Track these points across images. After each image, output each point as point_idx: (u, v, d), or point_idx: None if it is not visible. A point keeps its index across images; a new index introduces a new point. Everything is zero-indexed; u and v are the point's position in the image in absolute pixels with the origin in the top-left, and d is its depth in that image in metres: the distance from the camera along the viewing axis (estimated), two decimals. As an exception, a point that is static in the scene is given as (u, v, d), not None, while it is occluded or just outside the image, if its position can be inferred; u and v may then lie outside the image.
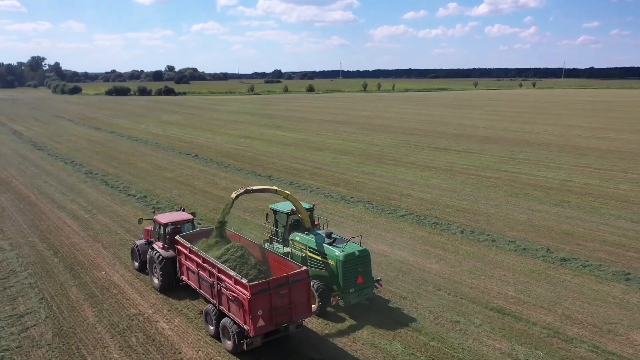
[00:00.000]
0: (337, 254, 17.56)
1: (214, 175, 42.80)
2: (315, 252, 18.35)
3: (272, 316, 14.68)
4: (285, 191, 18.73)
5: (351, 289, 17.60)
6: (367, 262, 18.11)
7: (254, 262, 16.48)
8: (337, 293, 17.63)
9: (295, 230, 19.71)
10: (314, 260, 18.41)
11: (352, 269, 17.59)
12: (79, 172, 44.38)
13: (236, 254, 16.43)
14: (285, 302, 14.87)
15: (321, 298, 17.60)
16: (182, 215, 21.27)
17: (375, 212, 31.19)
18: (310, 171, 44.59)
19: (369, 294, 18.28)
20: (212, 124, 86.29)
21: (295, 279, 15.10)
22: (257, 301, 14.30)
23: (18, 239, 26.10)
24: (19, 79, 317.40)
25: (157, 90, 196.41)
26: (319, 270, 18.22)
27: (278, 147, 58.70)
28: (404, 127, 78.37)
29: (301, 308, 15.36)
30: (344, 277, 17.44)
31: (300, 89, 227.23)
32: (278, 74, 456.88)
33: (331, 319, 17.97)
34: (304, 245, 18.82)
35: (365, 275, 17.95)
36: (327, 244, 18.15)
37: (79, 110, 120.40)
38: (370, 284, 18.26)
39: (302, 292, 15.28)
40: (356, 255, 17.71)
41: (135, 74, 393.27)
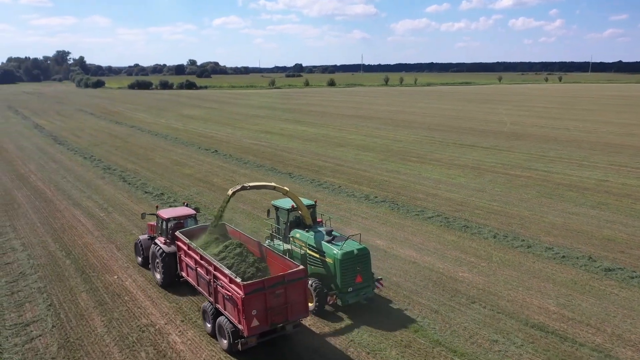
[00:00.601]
0: (335, 252, 17.09)
1: (234, 172, 41.68)
2: (314, 249, 17.97)
3: (267, 316, 14.33)
4: (284, 187, 18.38)
5: (349, 289, 17.16)
6: (366, 261, 17.61)
7: (253, 259, 16.12)
8: (335, 292, 17.23)
9: (296, 227, 19.33)
10: (313, 258, 18.03)
11: (351, 268, 17.14)
12: (97, 167, 43.71)
13: (234, 251, 16.16)
14: (280, 302, 14.50)
15: (318, 297, 17.15)
16: (185, 210, 21.05)
17: (401, 213, 29.64)
18: (332, 168, 43.17)
19: (369, 293, 17.77)
20: (232, 118, 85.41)
21: (291, 278, 14.70)
22: (251, 301, 13.96)
23: (31, 239, 25.28)
24: (44, 73, 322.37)
25: (178, 84, 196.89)
26: (317, 269, 17.84)
27: (299, 143, 57.39)
28: (428, 123, 76.32)
29: (297, 308, 14.96)
30: (342, 276, 17.01)
31: (321, 83, 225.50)
32: (299, 68, 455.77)
33: (330, 318, 17.43)
34: (303, 243, 18.47)
35: (364, 275, 17.48)
36: (326, 242, 17.69)
37: (101, 104, 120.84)
38: (370, 284, 17.77)
39: (298, 291, 14.90)
40: (355, 253, 17.20)
41: (157, 68, 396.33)
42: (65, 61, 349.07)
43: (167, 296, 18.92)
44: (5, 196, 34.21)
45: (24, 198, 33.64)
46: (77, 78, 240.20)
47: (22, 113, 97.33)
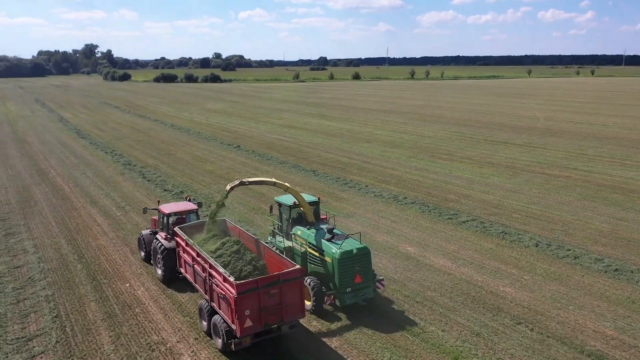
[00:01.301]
0: (334, 251, 16.61)
1: (256, 169, 40.23)
2: (314, 247, 17.56)
3: (261, 316, 13.92)
4: (285, 183, 17.96)
5: (348, 289, 16.69)
6: (366, 260, 17.06)
7: (250, 257, 15.62)
8: (332, 292, 16.82)
9: (298, 224, 18.84)
10: (312, 256, 17.65)
11: (350, 268, 16.65)
12: (118, 162, 42.79)
13: (231, 248, 15.76)
14: (275, 302, 14.08)
15: (316, 296, 16.72)
16: (187, 205, 20.84)
17: (432, 217, 27.73)
18: (358, 165, 41.38)
19: (368, 294, 17.18)
20: (256, 112, 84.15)
21: (286, 278, 14.27)
22: (244, 300, 13.55)
23: (44, 240, 24.22)
24: (73, 66, 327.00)
25: (203, 77, 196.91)
26: (316, 267, 17.47)
27: (323, 138, 55.69)
28: (457, 118, 73.73)
29: (293, 309, 14.51)
30: (341, 275, 16.55)
31: (345, 76, 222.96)
32: (323, 61, 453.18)
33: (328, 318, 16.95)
34: (304, 240, 18.05)
35: (364, 275, 16.94)
36: (326, 240, 17.21)
37: (126, 97, 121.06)
38: (370, 284, 17.21)
39: (294, 292, 14.44)
40: (354, 253, 16.69)
41: (183, 61, 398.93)
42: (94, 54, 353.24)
43: (180, 308, 17.50)
44: (23, 192, 33.41)
45: (42, 195, 32.77)
46: (104, 71, 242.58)
47: (48, 106, 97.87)
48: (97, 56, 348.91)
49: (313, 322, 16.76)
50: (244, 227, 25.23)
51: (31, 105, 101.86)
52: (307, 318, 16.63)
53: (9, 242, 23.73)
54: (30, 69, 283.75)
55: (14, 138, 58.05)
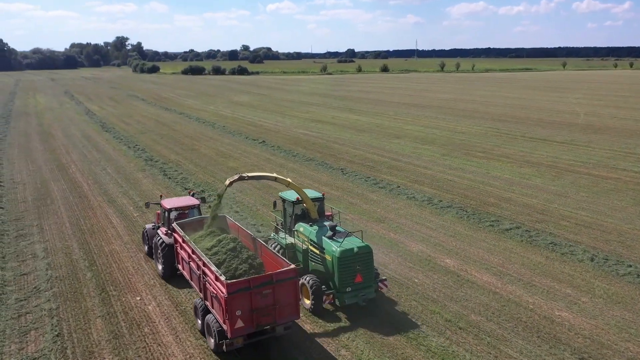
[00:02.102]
0: (334, 249, 16.17)
1: (281, 167, 38.41)
2: (315, 245, 17.19)
3: (253, 317, 13.48)
4: (287, 179, 17.57)
5: (348, 288, 16.17)
6: (367, 259, 16.47)
7: (246, 256, 15.13)
8: (332, 292, 16.30)
9: (301, 220, 18.46)
10: (313, 254, 17.27)
11: (350, 267, 16.14)
12: (140, 158, 41.52)
13: (227, 246, 15.33)
14: (268, 303, 13.65)
15: (315, 295, 16.21)
16: (189, 200, 20.62)
17: (471, 224, 25.39)
18: (388, 164, 39.15)
19: (369, 295, 16.57)
20: (282, 105, 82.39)
21: (280, 278, 13.80)
22: (235, 301, 13.14)
23: (55, 243, 22.84)
24: (104, 59, 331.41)
25: (230, 69, 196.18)
26: (317, 265, 17.10)
27: (351, 134, 53.52)
28: (491, 113, 70.55)
29: (287, 310, 14.04)
30: (340, 274, 16.06)
31: (374, 69, 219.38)
32: (351, 53, 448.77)
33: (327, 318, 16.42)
34: (306, 237, 17.68)
35: (365, 274, 16.37)
36: (327, 238, 16.74)
37: (153, 89, 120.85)
38: (372, 284, 16.62)
39: (288, 292, 13.96)
40: (354, 251, 16.16)
41: (212, 54, 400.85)
42: (124, 47, 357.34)
43: (193, 329, 15.74)
44: (41, 189, 32.32)
45: (59, 192, 31.60)
46: (134, 63, 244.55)
47: (76, 98, 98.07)
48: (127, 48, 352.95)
49: (310, 323, 16.14)
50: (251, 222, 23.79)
51: (60, 97, 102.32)
52: (304, 318, 16.13)
53: (19, 245, 22.44)
54: (63, 61, 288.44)
55: (39, 131, 57.61)
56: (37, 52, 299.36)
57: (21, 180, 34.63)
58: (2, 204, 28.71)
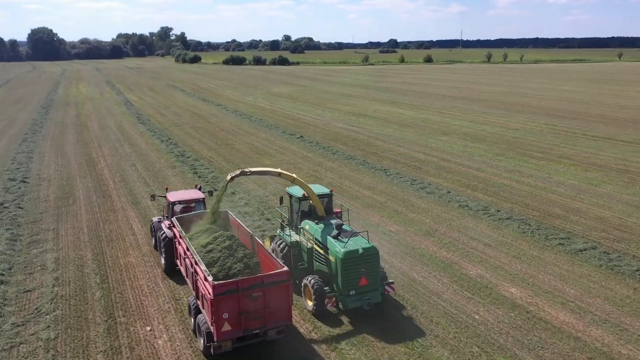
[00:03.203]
0: (338, 249, 15.35)
1: (319, 165, 35.60)
2: (319, 244, 16.40)
3: (241, 321, 12.90)
4: (292, 174, 16.76)
5: (352, 291, 15.35)
6: (373, 261, 15.57)
7: (242, 255, 14.47)
8: (334, 294, 15.51)
9: (307, 217, 17.64)
10: (318, 253, 16.50)
11: (354, 269, 15.30)
12: (171, 153, 39.53)
13: (223, 244, 14.70)
14: (258, 307, 13.04)
15: (317, 297, 15.41)
16: (194, 193, 20.18)
17: (537, 240, 21.91)
18: (436, 164, 35.77)
19: (375, 299, 15.67)
20: (322, 97, 79.49)
21: (271, 280, 13.18)
22: (222, 303, 12.59)
23: (69, 252, 20.77)
24: (148, 49, 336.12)
25: (271, 59, 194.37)
26: (321, 266, 16.36)
27: (395, 129, 50.17)
28: (546, 107, 65.61)
29: (278, 314, 13.39)
30: (344, 276, 15.26)
31: (417, 60, 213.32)
32: (393, 44, 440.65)
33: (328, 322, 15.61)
34: (311, 236, 16.90)
35: (370, 277, 15.50)
36: (332, 237, 15.91)
37: (193, 79, 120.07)
38: (378, 288, 15.73)
39: (280, 296, 13.30)
40: (359, 253, 15.28)
41: (253, 44, 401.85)
42: (168, 37, 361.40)
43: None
44: (66, 187, 30.61)
45: (83, 190, 29.78)
46: (177, 53, 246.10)
47: (117, 88, 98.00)
48: (171, 39, 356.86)
49: (309, 326, 15.38)
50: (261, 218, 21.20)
51: (102, 87, 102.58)
52: (304, 320, 15.57)
53: (30, 254, 20.49)
54: (109, 51, 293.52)
55: (76, 122, 56.75)
56: (85, 42, 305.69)
57: (47, 176, 33.10)
58: (23, 204, 27.04)
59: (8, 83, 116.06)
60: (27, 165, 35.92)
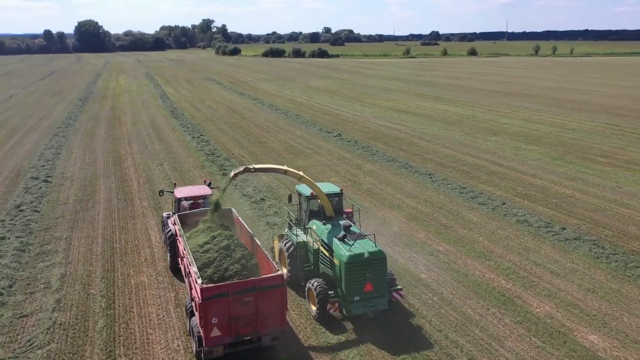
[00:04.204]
0: (343, 252, 14.55)
1: (357, 168, 32.80)
2: (325, 246, 15.65)
3: (231, 326, 12.26)
4: (298, 172, 16.17)
5: (356, 297, 14.53)
6: (380, 266, 14.67)
7: (240, 255, 13.89)
8: (337, 299, 14.69)
9: (316, 217, 16.92)
10: (323, 255, 15.79)
11: (359, 274, 14.46)
12: (201, 151, 37.49)
13: (221, 244, 14.08)
14: (249, 312, 12.38)
15: (320, 302, 14.71)
16: (202, 189, 19.66)
17: (614, 269, 18.52)
18: (486, 168, 32.40)
19: (380, 306, 14.81)
20: (362, 91, 76.40)
21: (264, 285, 12.47)
22: (211, 307, 11.95)
23: (77, 267, 18.74)
24: (190, 41, 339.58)
25: (310, 52, 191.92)
26: (325, 269, 15.69)
27: (440, 127, 46.77)
28: (606, 105, 60.64)
29: (271, 320, 12.68)
30: (347, 281, 14.47)
31: (460, 52, 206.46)
32: (435, 36, 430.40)
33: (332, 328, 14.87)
34: (317, 236, 16.21)
35: (376, 283, 14.64)
36: (338, 239, 15.15)
37: (231, 72, 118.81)
38: (384, 294, 14.82)
39: (273, 301, 12.57)
40: (365, 257, 14.40)
41: (293, 36, 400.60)
42: (210, 29, 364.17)
43: None
44: (88, 188, 28.87)
45: (105, 192, 27.95)
46: (217, 45, 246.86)
47: (155, 80, 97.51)
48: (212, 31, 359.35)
49: (309, 331, 14.71)
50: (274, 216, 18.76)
51: (140, 79, 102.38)
52: (304, 325, 14.96)
53: (36, 268, 18.57)
54: (152, 43, 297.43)
55: (109, 116, 55.69)
56: (129, 34, 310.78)
57: (71, 175, 31.53)
58: (40, 206, 25.37)
59: (52, 75, 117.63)
60: (53, 162, 34.53)
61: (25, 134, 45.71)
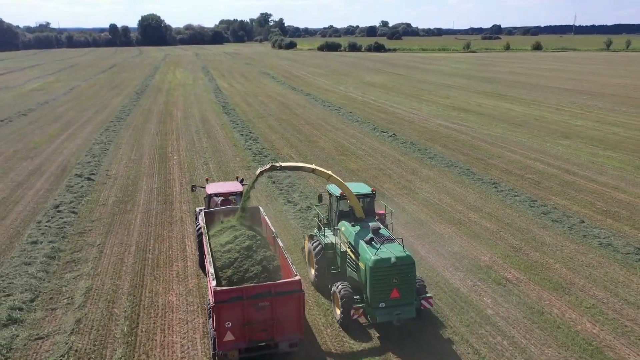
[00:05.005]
0: (368, 256, 13.64)
1: (413, 173, 30.20)
2: (352, 248, 14.80)
3: (245, 331, 11.83)
4: (327, 171, 15.40)
5: (381, 304, 13.55)
6: (407, 272, 13.55)
7: (261, 257, 13.31)
8: (362, 306, 13.72)
9: (345, 218, 16.22)
10: (350, 258, 14.93)
11: (385, 279, 13.47)
12: (249, 150, 35.94)
13: (242, 244, 13.52)
14: (265, 317, 11.91)
15: (344, 306, 13.82)
16: (234, 186, 19.01)
17: None
18: (559, 178, 29.02)
19: (407, 314, 13.64)
20: (419, 88, 73.07)
21: (281, 290, 11.95)
22: (224, 311, 11.58)
23: (105, 280, 17.33)
24: (248, 34, 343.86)
25: (366, 46, 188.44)
26: (352, 272, 14.83)
27: (504, 129, 43.24)
28: (692, 106, 54.71)
29: (287, 326, 12.14)
30: (372, 287, 13.52)
31: (524, 47, 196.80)
32: (497, 29, 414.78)
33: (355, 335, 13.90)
34: (346, 238, 15.34)
35: (403, 290, 13.57)
36: (365, 242, 14.25)
37: (286, 66, 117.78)
38: (412, 302, 13.77)
39: (290, 307, 12.04)
40: (392, 262, 13.36)
41: (350, 30, 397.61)
42: (267, 23, 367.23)
43: None
44: (129, 188, 27.82)
45: (146, 194, 26.77)
46: (273, 39, 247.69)
47: (211, 74, 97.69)
48: (270, 25, 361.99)
49: (329, 337, 14.10)
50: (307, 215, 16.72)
51: (196, 72, 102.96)
52: (325, 329, 14.42)
53: (62, 279, 17.32)
54: (211, 37, 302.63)
55: (162, 110, 55.40)
56: (189, 28, 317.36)
57: (115, 173, 30.67)
58: (79, 207, 24.42)
59: (113, 68, 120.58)
60: (100, 159, 33.92)
61: (78, 127, 45.83)
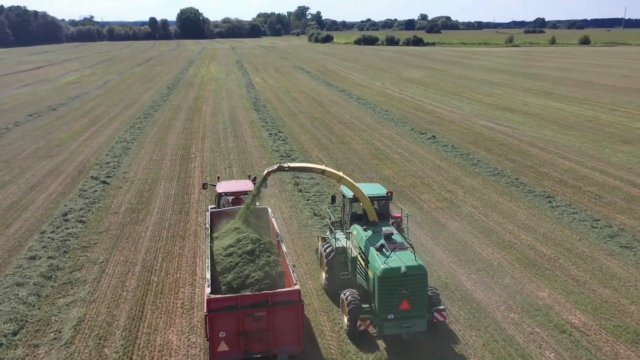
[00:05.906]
0: (377, 265, 12.82)
1: (455, 182, 27.22)
2: (362, 254, 14.00)
3: (240, 342, 11.27)
4: (338, 172, 14.76)
5: (390, 315, 12.70)
6: (419, 283, 12.70)
7: (264, 262, 12.66)
8: (369, 317, 12.97)
9: (358, 221, 15.27)
10: (360, 265, 14.18)
11: (393, 290, 12.63)
12: (276, 152, 33.62)
13: (245, 247, 12.93)
14: (261, 328, 11.37)
15: (351, 315, 13.07)
16: (245, 185, 18.26)
17: None
18: (622, 191, 25.55)
19: (418, 327, 12.81)
20: (459, 84, 69.35)
21: (278, 300, 11.41)
22: (217, 320, 11.07)
23: (100, 309, 15.20)
24: (285, 28, 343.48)
25: (404, 40, 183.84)
26: (361, 279, 14.13)
27: (554, 131, 39.57)
28: None
29: (286, 338, 11.55)
30: (380, 297, 12.72)
31: (570, 41, 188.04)
32: (540, 23, 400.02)
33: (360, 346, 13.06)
34: (357, 243, 14.57)
35: (414, 301, 12.71)
36: (375, 248, 13.37)
37: (321, 60, 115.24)
38: (423, 314, 12.89)
39: (288, 318, 11.46)
40: (401, 272, 12.50)
41: (388, 23, 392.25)
42: (304, 16, 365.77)
43: None
44: (145, 193, 25.87)
45: (162, 201, 24.74)
46: (310, 32, 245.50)
47: (244, 68, 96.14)
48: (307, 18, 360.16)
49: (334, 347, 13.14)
50: None
51: (230, 67, 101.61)
52: (330, 338, 13.56)
53: (54, 305, 15.33)
54: (248, 30, 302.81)
55: (191, 105, 53.82)
56: (227, 21, 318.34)
57: (132, 175, 28.85)
58: (88, 215, 22.59)
59: (149, 61, 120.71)
60: (120, 159, 32.23)
61: (105, 123, 44.58)
